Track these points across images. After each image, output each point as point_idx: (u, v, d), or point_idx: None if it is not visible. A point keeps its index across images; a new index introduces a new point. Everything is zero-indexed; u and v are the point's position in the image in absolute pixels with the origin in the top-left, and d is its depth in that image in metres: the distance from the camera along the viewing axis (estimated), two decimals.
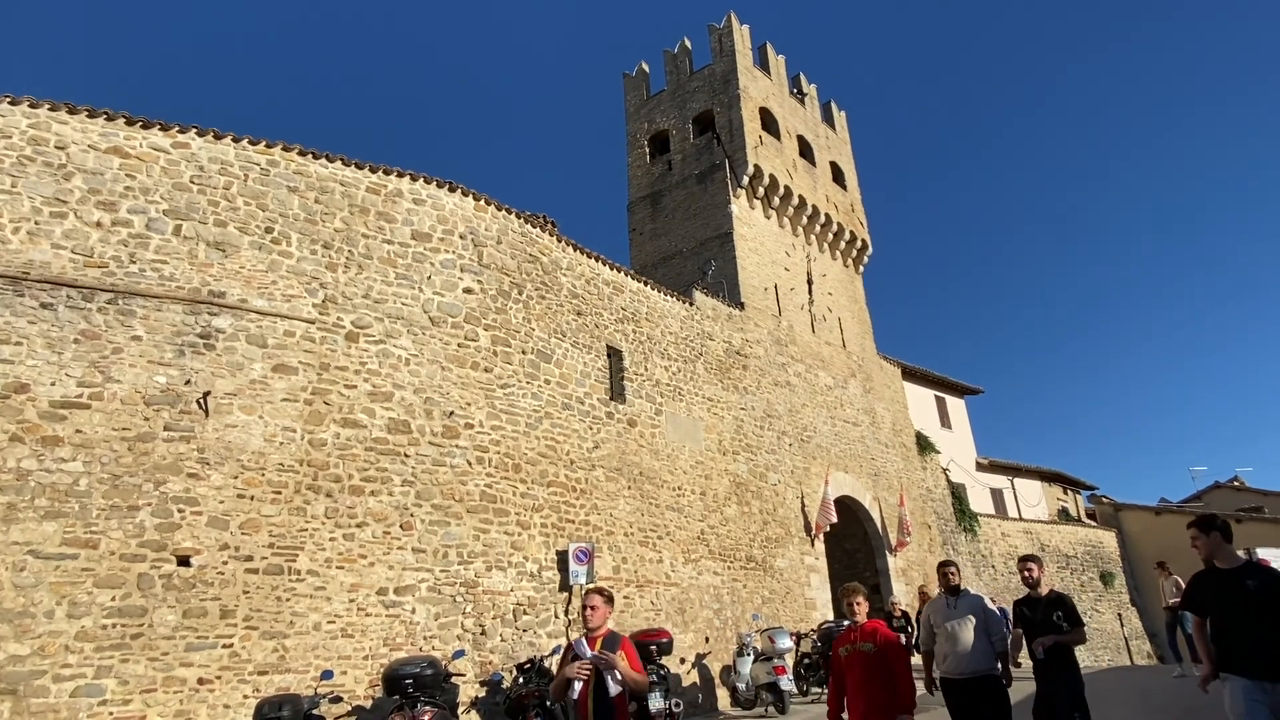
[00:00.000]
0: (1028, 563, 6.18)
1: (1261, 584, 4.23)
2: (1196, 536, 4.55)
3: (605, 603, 4.86)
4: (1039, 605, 6.07)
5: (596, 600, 4.83)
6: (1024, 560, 6.25)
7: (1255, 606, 4.20)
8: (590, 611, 4.81)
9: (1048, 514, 29.38)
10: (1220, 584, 4.41)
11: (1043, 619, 5.96)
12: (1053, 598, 6.08)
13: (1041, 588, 6.17)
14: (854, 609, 5.36)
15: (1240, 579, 4.31)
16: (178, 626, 7.94)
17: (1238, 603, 4.27)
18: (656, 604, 12.42)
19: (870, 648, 5.15)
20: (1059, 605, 5.98)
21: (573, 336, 12.67)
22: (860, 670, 5.14)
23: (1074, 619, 5.91)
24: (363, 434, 9.68)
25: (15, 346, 8.04)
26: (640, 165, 21.45)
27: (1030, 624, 6.08)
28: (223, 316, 9.20)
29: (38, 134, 8.92)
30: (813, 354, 19.27)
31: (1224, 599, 4.37)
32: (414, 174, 11.30)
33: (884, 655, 5.11)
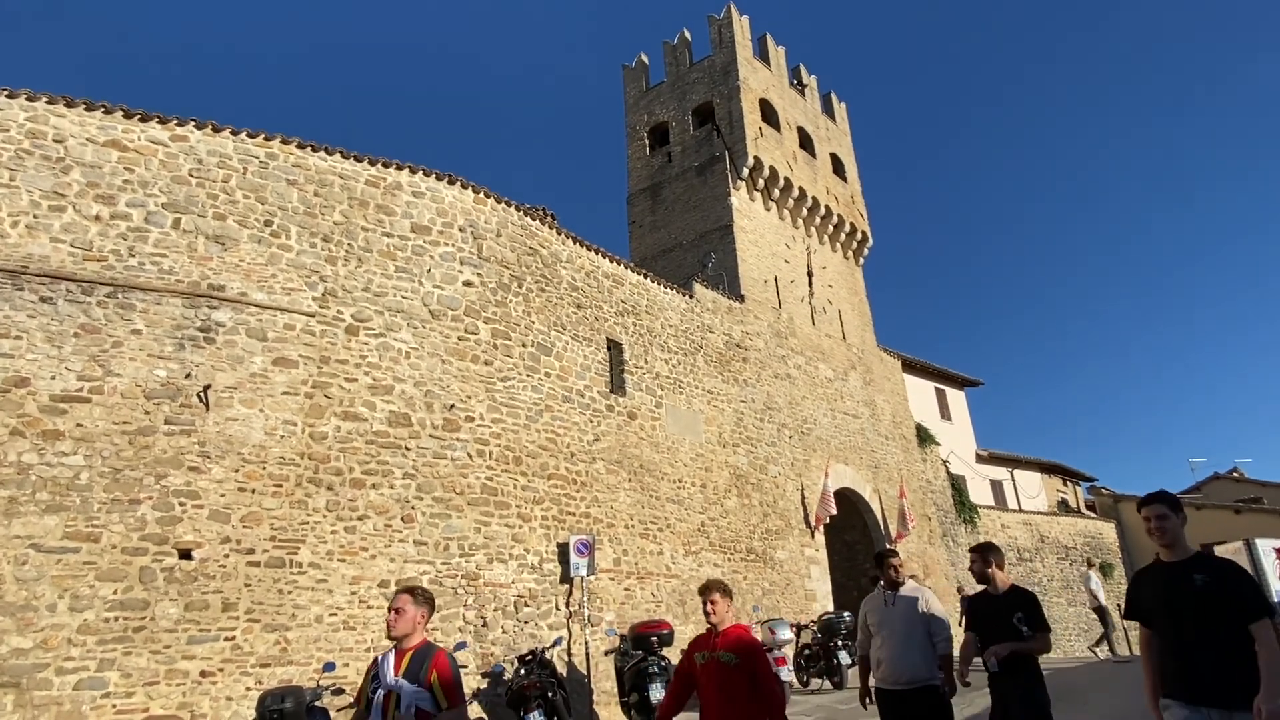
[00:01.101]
0: (978, 552, 5.14)
1: (1212, 579, 3.34)
2: (1163, 517, 3.57)
3: (416, 604, 3.85)
4: (996, 605, 5.00)
5: (403, 602, 3.83)
6: (974, 550, 5.22)
7: (1199, 609, 3.34)
8: (394, 616, 3.81)
9: (1047, 505, 29.45)
10: (1163, 581, 3.55)
11: (999, 622, 4.88)
12: (1013, 596, 4.97)
13: (999, 583, 5.07)
14: (712, 609, 4.47)
15: (1186, 574, 3.44)
16: (180, 619, 7.96)
17: (1181, 605, 3.42)
18: (657, 595, 12.45)
19: (732, 659, 4.25)
20: (1020, 605, 4.87)
21: (573, 329, 12.66)
22: (717, 685, 4.29)
23: (1037, 623, 4.86)
24: (363, 427, 9.69)
25: (15, 340, 8.03)
26: (640, 157, 21.40)
27: (984, 627, 5.01)
28: (222, 310, 9.19)
29: (36, 127, 8.89)
30: (813, 346, 19.26)
31: (1167, 600, 3.50)
32: (413, 166, 11.27)
33: (748, 670, 4.22)
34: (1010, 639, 4.80)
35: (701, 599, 4.53)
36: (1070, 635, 24.51)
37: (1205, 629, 3.31)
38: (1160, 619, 3.54)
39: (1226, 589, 3.30)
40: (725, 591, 4.51)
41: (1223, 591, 3.30)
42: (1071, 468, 32.00)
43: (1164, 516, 3.60)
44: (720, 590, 4.51)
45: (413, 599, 3.85)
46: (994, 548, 5.19)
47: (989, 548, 5.17)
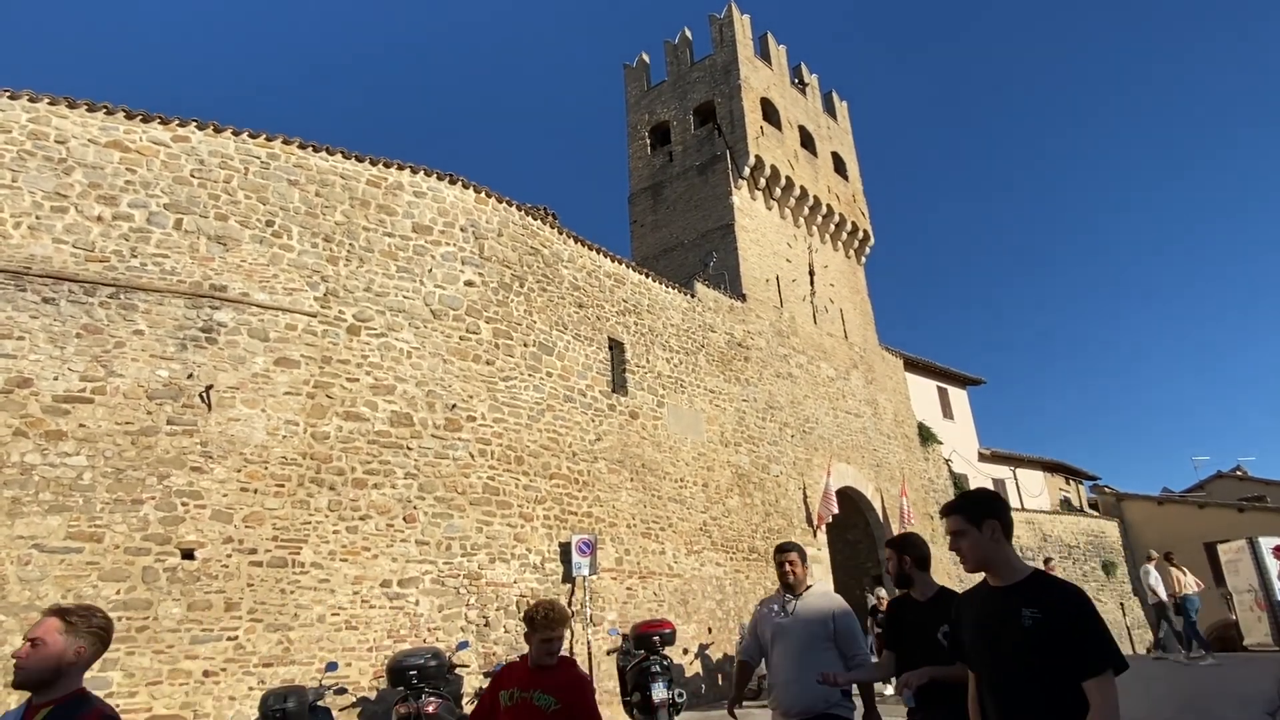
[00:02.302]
0: (893, 547, 3.99)
1: (1045, 616, 2.41)
2: (959, 534, 2.68)
3: (70, 633, 2.50)
4: (919, 615, 3.75)
5: (47, 630, 2.48)
6: (890, 543, 4.06)
7: (1023, 656, 2.44)
8: (28, 651, 2.47)
9: (1050, 504, 29.40)
10: (986, 613, 2.64)
11: (921, 638, 3.62)
12: (940, 604, 3.66)
13: (920, 586, 3.85)
14: (534, 631, 3.38)
15: (1014, 607, 2.49)
16: (182, 619, 7.98)
17: (1001, 648, 2.51)
18: (659, 595, 12.45)
19: (550, 704, 3.25)
20: (948, 616, 3.22)
21: (574, 329, 12.67)
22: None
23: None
24: (365, 427, 9.70)
25: (18, 341, 8.05)
26: (641, 157, 21.39)
27: (903, 644, 3.77)
28: (224, 310, 9.21)
29: (38, 128, 8.91)
30: (814, 345, 19.25)
31: (986, 639, 2.60)
32: (414, 166, 11.28)
33: (569, 716, 3.27)
34: (933, 660, 3.40)
35: (529, 626, 3.39)
36: None
37: (1029, 682, 2.42)
38: (978, 663, 2.64)
39: (1060, 630, 2.36)
40: (565, 619, 3.41)
41: (1055, 634, 2.36)
42: (1074, 466, 31.95)
43: (959, 533, 2.67)
44: (556, 615, 3.38)
45: (63, 625, 2.49)
46: (914, 541, 4.00)
47: (905, 541, 3.98)
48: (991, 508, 2.67)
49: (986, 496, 2.77)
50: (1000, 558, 2.64)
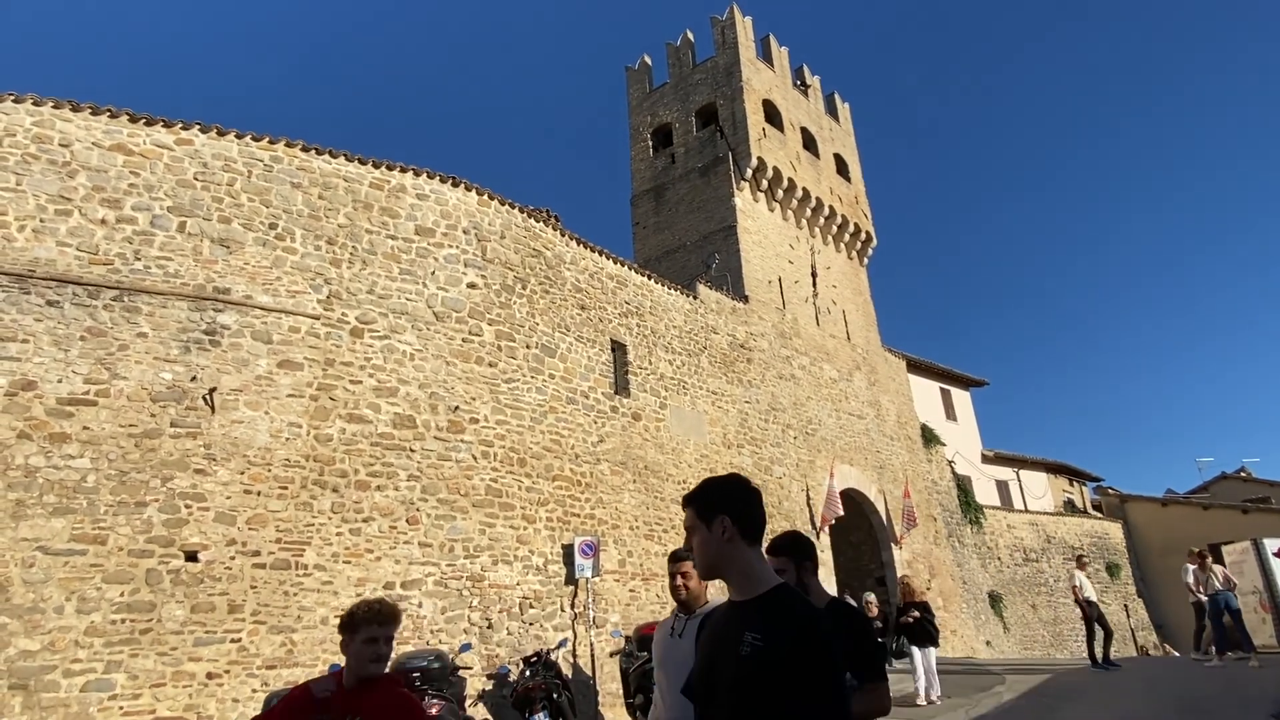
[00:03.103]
0: (777, 553, 3.12)
1: (766, 643, 1.88)
2: (690, 529, 2.18)
3: None
4: None
5: None
6: (774, 545, 3.16)
7: (738, 693, 1.89)
8: None
9: (1053, 506, 29.34)
10: (709, 635, 2.16)
11: None
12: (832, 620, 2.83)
13: (814, 598, 3.04)
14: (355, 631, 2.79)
15: (737, 629, 1.96)
16: (186, 621, 7.99)
17: (716, 679, 2.00)
18: (662, 597, 12.43)
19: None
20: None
21: (577, 330, 12.67)
22: None
23: (863, 665, 2.86)
24: (368, 429, 9.71)
25: (22, 344, 8.07)
26: (643, 159, 21.40)
27: None
28: (228, 313, 9.22)
29: (42, 132, 8.94)
30: (817, 347, 19.24)
31: (703, 667, 2.11)
32: (417, 169, 11.30)
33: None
34: None
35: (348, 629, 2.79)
36: (1077, 637, 24.41)
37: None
38: (698, 701, 2.09)
39: (776, 663, 1.82)
40: (391, 616, 2.79)
41: (773, 667, 1.82)
42: (1078, 468, 31.89)
43: (689, 529, 2.16)
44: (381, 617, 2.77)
45: None
46: (801, 542, 3.17)
47: (791, 543, 3.16)
48: (725, 499, 2.07)
49: (723, 485, 2.15)
50: (734, 564, 2.03)
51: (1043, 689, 10.96)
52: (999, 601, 22.31)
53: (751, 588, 2.03)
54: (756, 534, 2.11)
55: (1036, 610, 23.76)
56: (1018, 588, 23.63)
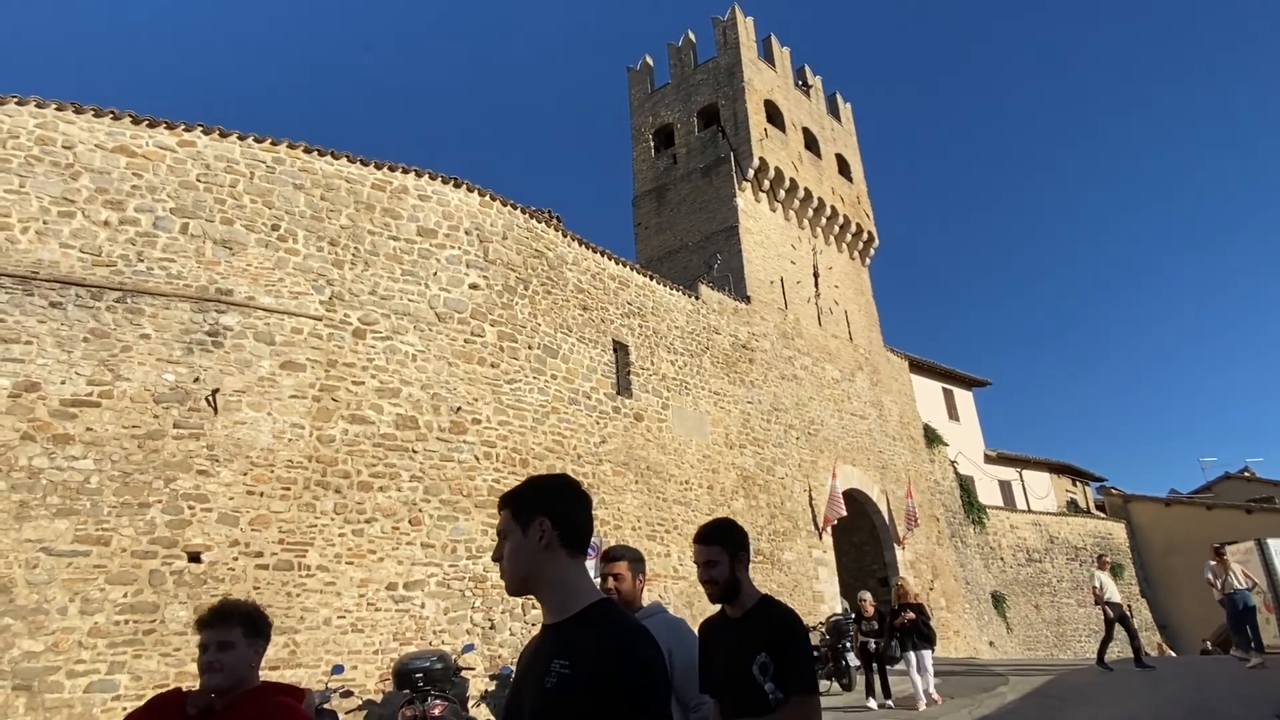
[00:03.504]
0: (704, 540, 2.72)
1: (573, 667, 1.61)
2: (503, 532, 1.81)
3: None
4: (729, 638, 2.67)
5: None
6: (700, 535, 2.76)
7: None
8: None
9: (1056, 506, 29.30)
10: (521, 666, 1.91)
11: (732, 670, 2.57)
12: (757, 624, 2.60)
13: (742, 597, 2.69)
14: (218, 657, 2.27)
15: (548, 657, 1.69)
16: (189, 622, 7.99)
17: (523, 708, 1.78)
18: (664, 598, 12.44)
19: None
20: (765, 642, 2.51)
21: (579, 331, 12.68)
22: None
23: (791, 675, 2.45)
24: (370, 430, 9.72)
25: (25, 345, 8.09)
26: (645, 159, 21.41)
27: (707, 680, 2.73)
28: (230, 314, 9.24)
29: (45, 134, 8.96)
30: (819, 347, 19.23)
31: (512, 699, 1.92)
32: (419, 170, 11.31)
33: None
34: (747, 700, 2.50)
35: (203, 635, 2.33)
36: (1080, 637, 24.38)
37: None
38: None
39: (585, 691, 1.56)
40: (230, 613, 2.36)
41: (579, 697, 1.56)
42: (1081, 468, 31.85)
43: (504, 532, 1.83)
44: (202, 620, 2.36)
45: None
46: (734, 530, 2.76)
47: (724, 530, 2.75)
48: (547, 499, 1.78)
49: (546, 483, 1.84)
50: (550, 577, 1.73)
51: (1046, 689, 10.94)
52: (1002, 602, 22.28)
53: (566, 605, 1.72)
54: (580, 543, 1.80)
55: (1040, 610, 23.73)
56: (1021, 588, 23.60)
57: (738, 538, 2.72)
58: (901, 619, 10.19)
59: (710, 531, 2.77)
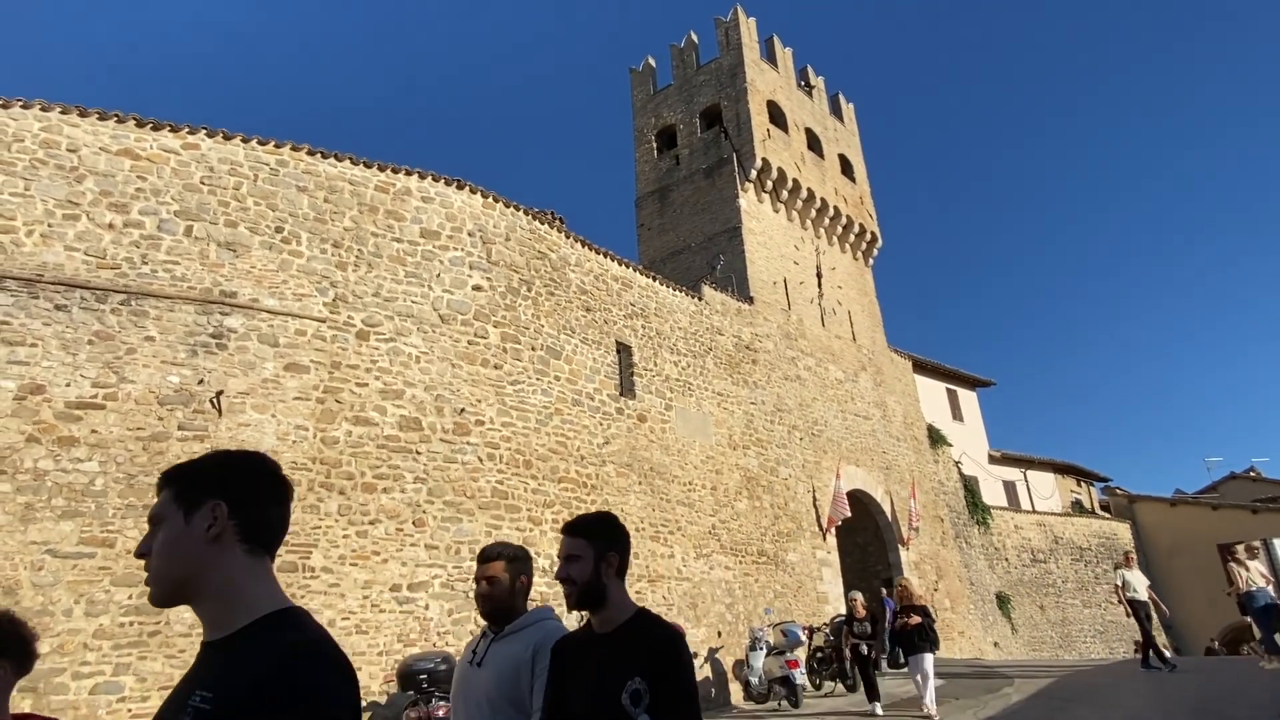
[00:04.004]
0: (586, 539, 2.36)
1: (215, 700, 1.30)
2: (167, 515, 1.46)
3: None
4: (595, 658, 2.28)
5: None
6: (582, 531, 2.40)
7: None
8: None
9: (1061, 506, 29.23)
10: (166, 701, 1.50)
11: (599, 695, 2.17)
12: (628, 641, 2.23)
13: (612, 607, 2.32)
14: None
15: (189, 684, 1.43)
16: (194, 624, 8.00)
17: None
18: (669, 599, 12.43)
19: None
20: (638, 665, 2.14)
21: (582, 333, 12.68)
22: None
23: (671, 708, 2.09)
24: (374, 432, 9.73)
25: (31, 348, 8.12)
26: (647, 160, 21.41)
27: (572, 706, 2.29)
28: (234, 316, 9.26)
29: (50, 137, 8.99)
30: (823, 348, 19.21)
31: None
32: (422, 172, 11.33)
33: None
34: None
35: None
36: (1085, 638, 24.31)
37: None
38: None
39: None
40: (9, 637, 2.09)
41: None
42: (1085, 468, 31.77)
43: (158, 518, 1.51)
44: None
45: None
46: (603, 524, 2.40)
47: (595, 524, 2.41)
48: (223, 480, 1.47)
49: (223, 460, 1.55)
50: (213, 579, 1.41)
51: (1051, 690, 10.91)
52: (1007, 602, 22.23)
53: (230, 619, 1.38)
54: (266, 540, 1.45)
55: (1045, 611, 23.67)
56: (1025, 589, 23.54)
57: (610, 535, 2.31)
58: (905, 623, 9.89)
59: (578, 523, 2.41)
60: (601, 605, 2.28)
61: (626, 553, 2.36)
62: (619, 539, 2.36)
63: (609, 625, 2.26)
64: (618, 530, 2.38)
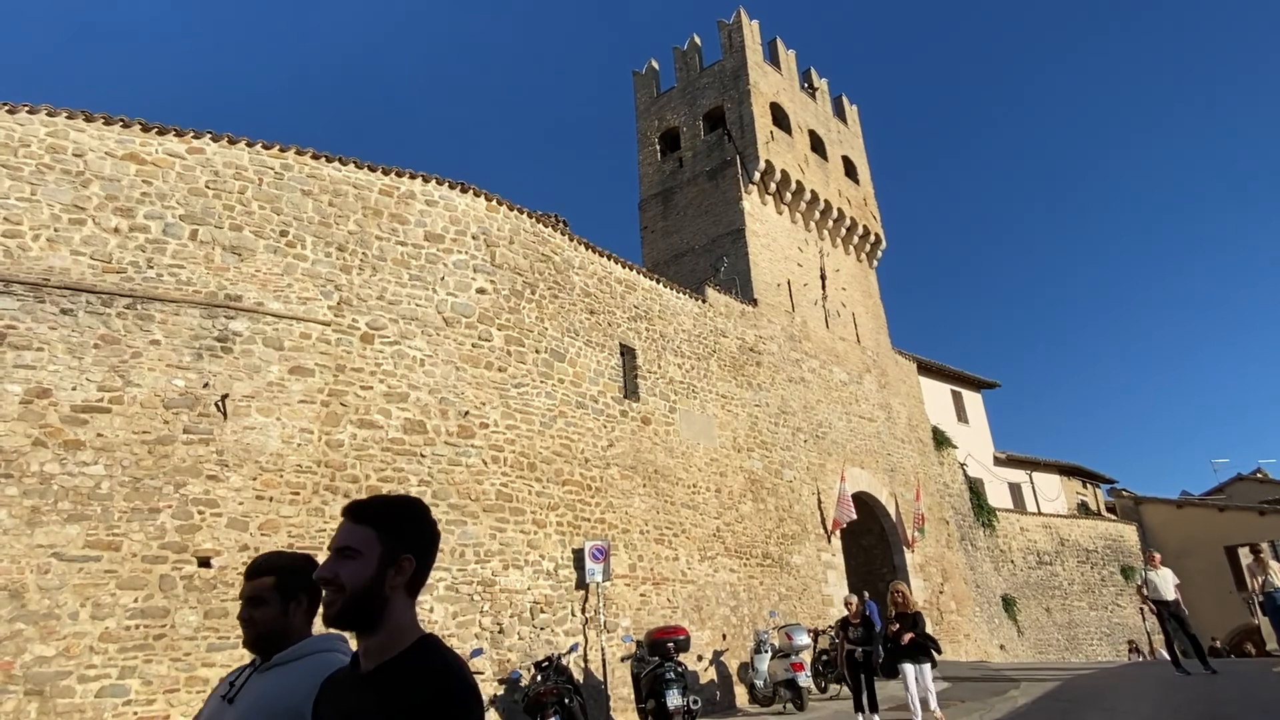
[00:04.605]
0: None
1: None
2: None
3: None
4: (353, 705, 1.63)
5: None
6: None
7: None
8: None
9: (1066, 508, 29.13)
10: None
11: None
12: (399, 679, 1.58)
13: (387, 634, 1.66)
14: None
15: None
16: (199, 627, 8.03)
17: None
18: (673, 601, 12.41)
19: None
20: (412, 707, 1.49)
21: (586, 335, 12.69)
22: None
23: None
24: (379, 434, 9.74)
25: (37, 352, 8.15)
26: (651, 163, 21.43)
27: None
28: (239, 319, 9.28)
29: (56, 142, 9.03)
30: (827, 349, 19.19)
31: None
32: (426, 175, 11.35)
33: None
34: None
35: None
36: (1092, 640, 24.22)
37: None
38: None
39: None
40: None
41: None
42: (1091, 469, 31.66)
43: None
44: None
45: None
46: (408, 514, 1.80)
47: (384, 512, 1.80)
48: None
49: None
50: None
51: (1058, 693, 10.87)
52: (1012, 605, 22.15)
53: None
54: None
55: (1051, 614, 23.58)
56: (1031, 591, 23.46)
57: (412, 530, 1.72)
58: (902, 632, 9.09)
59: (367, 506, 1.78)
60: (373, 628, 1.62)
61: (429, 559, 1.74)
62: (422, 538, 1.73)
63: (375, 659, 1.61)
64: (423, 526, 1.74)
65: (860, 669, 9.74)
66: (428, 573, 1.76)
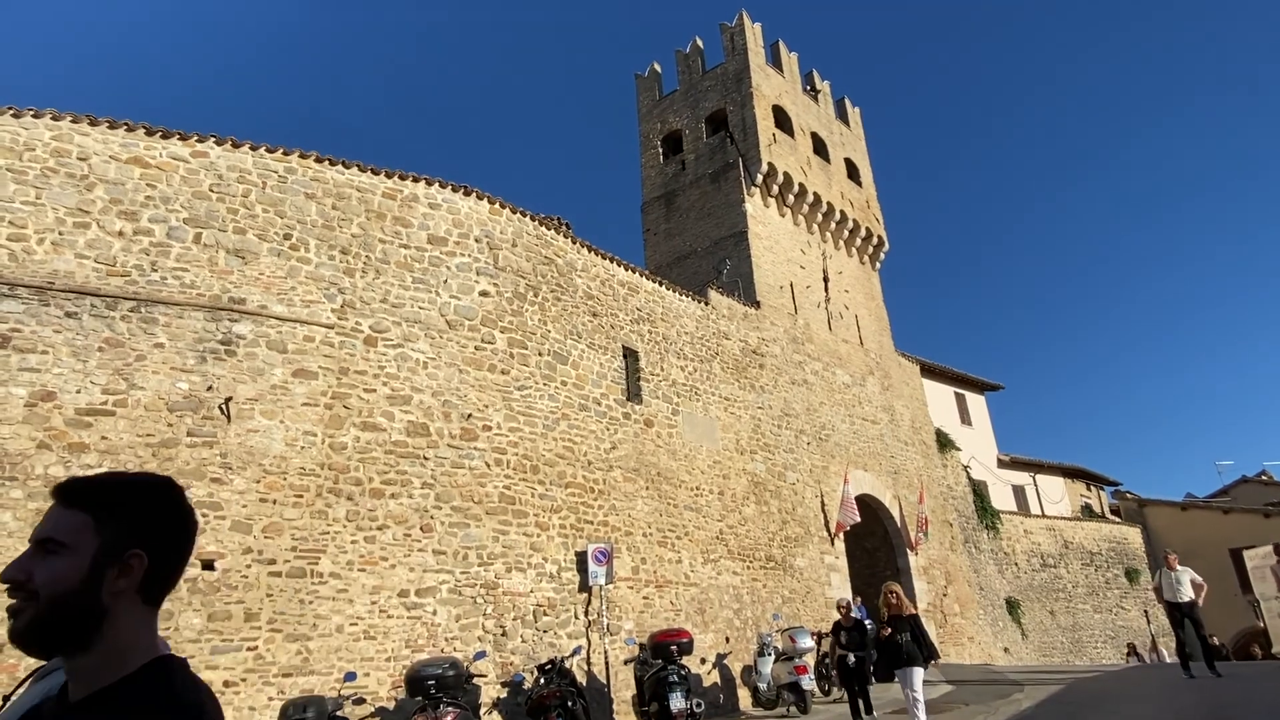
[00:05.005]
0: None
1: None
2: None
3: None
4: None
5: None
6: None
7: None
8: None
9: (1071, 510, 29.06)
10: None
11: None
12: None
13: None
14: None
15: None
16: (203, 629, 8.04)
17: None
18: (676, 604, 12.40)
19: None
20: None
21: (588, 338, 12.69)
22: None
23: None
24: (382, 437, 9.75)
25: (41, 355, 8.17)
26: (654, 166, 21.45)
27: None
28: (243, 323, 9.30)
29: (60, 146, 9.06)
30: (830, 352, 19.17)
31: None
32: (429, 178, 11.37)
33: None
34: None
35: None
36: (1096, 642, 24.14)
37: None
38: None
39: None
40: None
41: None
42: (1095, 472, 31.58)
43: None
44: None
45: None
46: (136, 495, 1.37)
47: (102, 494, 1.37)
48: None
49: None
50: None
51: (1062, 696, 10.84)
52: (1016, 608, 22.09)
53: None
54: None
55: (1055, 616, 23.51)
56: (1035, 594, 23.39)
57: (141, 516, 1.31)
58: (896, 635, 8.49)
59: (80, 486, 1.39)
60: (83, 647, 1.22)
61: (176, 556, 1.36)
62: (161, 527, 1.32)
63: (89, 685, 1.22)
64: (162, 510, 1.34)
65: (854, 676, 9.63)
66: (176, 573, 1.34)
